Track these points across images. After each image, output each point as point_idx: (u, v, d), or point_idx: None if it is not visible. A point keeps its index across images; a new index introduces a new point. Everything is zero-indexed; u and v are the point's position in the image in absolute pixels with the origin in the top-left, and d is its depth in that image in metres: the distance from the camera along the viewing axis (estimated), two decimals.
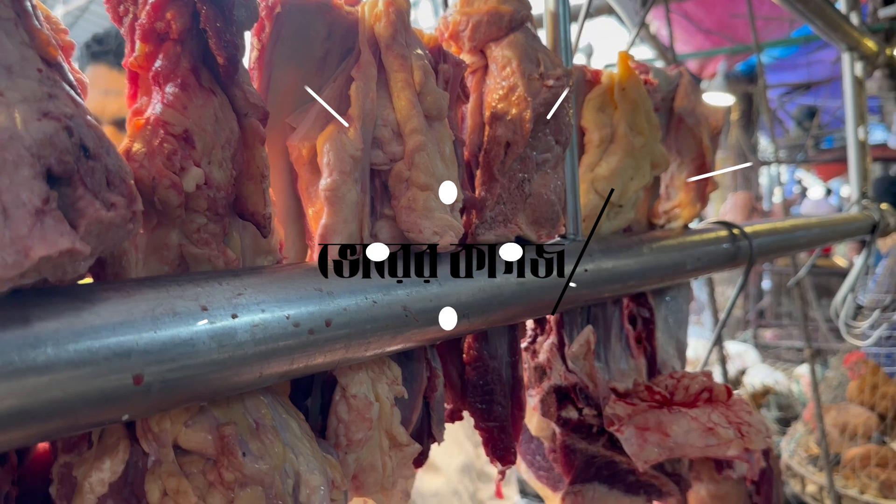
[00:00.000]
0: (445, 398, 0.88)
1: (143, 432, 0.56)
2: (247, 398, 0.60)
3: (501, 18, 0.86)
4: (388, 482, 0.74)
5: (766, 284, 7.47)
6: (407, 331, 0.68)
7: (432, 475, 2.03)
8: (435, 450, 2.07)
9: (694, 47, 5.62)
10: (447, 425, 0.87)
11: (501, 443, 0.90)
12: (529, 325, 1.08)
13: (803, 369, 4.57)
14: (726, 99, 5.99)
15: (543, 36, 0.96)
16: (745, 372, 4.87)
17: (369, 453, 0.72)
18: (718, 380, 1.12)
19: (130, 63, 0.57)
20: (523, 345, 1.05)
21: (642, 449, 0.96)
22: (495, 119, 0.85)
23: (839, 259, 7.22)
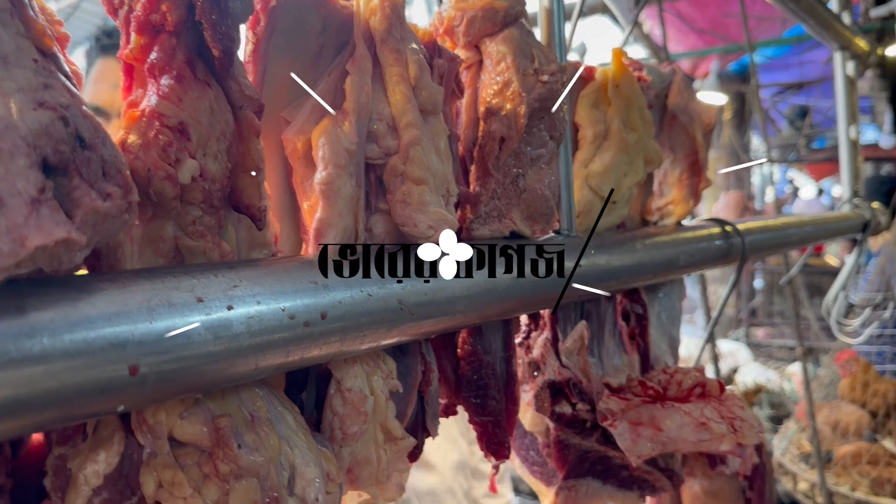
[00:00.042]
0: (440, 393, 0.88)
1: (139, 424, 0.56)
2: (242, 390, 0.60)
3: (496, 14, 0.87)
4: (383, 475, 0.74)
5: (759, 283, 7.50)
6: (402, 324, 0.69)
7: (427, 473, 2.03)
8: (430, 448, 2.07)
9: (687, 47, 5.63)
10: (442, 423, 0.87)
11: (496, 437, 0.90)
12: (523, 321, 1.08)
13: (795, 367, 4.59)
14: (719, 98, 6.01)
15: (538, 33, 0.97)
16: (737, 370, 4.89)
17: (364, 447, 0.73)
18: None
19: (126, 55, 0.57)
20: (517, 340, 1.05)
21: (635, 444, 0.96)
22: (490, 114, 0.85)
23: (831, 258, 7.25)
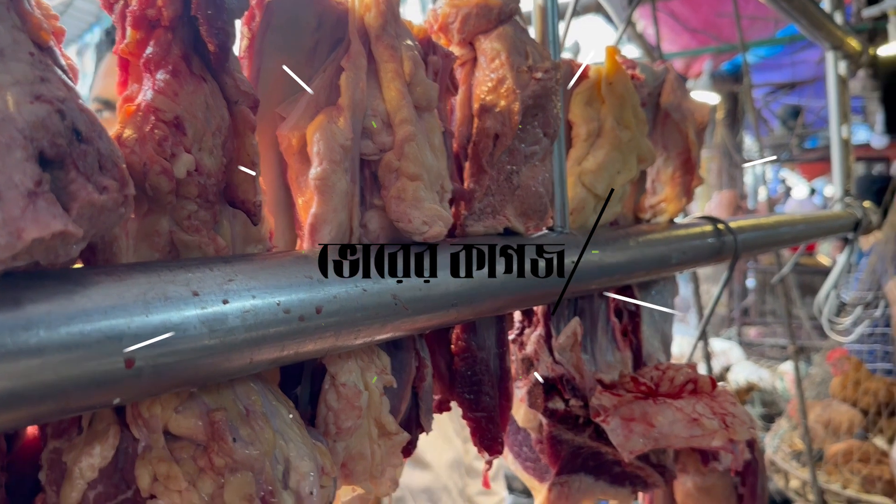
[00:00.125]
0: (434, 388, 0.89)
1: (134, 418, 0.56)
2: (237, 385, 0.60)
3: (490, 11, 0.87)
4: (377, 470, 0.75)
5: (751, 283, 7.53)
6: (396, 319, 0.69)
7: (422, 471, 2.03)
8: (425, 446, 2.06)
9: (680, 46, 5.65)
10: (437, 422, 0.87)
11: (489, 433, 0.91)
12: (517, 317, 1.09)
13: (787, 366, 4.61)
14: (712, 98, 6.03)
15: (531, 31, 0.97)
16: (729, 369, 4.91)
17: (358, 441, 0.73)
18: None
19: (121, 50, 0.57)
20: (511, 336, 1.06)
21: (628, 439, 0.97)
22: (484, 111, 0.85)
23: (823, 258, 7.28)
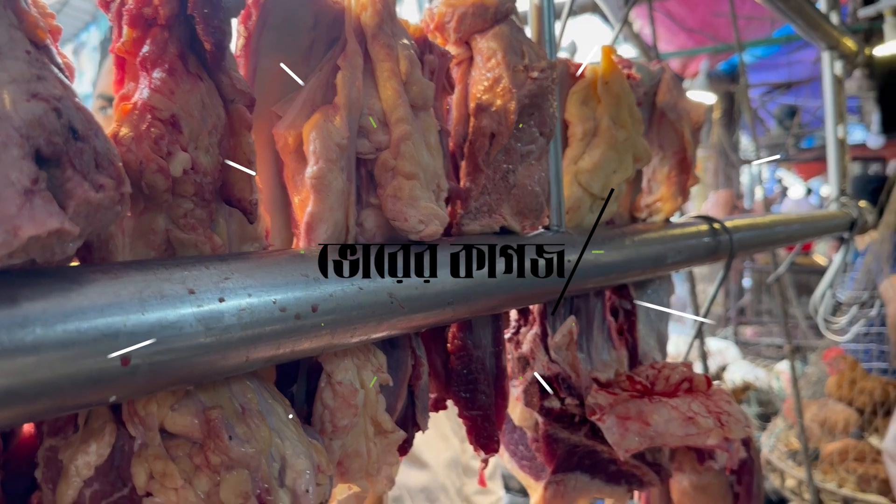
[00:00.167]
0: (430, 387, 0.89)
1: (130, 416, 0.56)
2: (233, 383, 0.61)
3: (486, 10, 0.87)
4: (373, 468, 0.75)
5: (747, 282, 7.55)
6: (392, 318, 0.69)
7: (419, 470, 2.03)
8: (422, 445, 2.06)
9: (677, 46, 5.65)
10: (434, 421, 0.87)
11: (485, 431, 0.91)
12: (513, 316, 1.09)
13: (783, 365, 4.62)
14: (708, 98, 6.04)
15: (528, 31, 0.97)
16: (725, 368, 4.92)
17: (354, 440, 0.73)
18: None
19: (118, 48, 0.57)
20: (507, 335, 1.06)
21: (623, 438, 0.97)
22: (480, 110, 0.86)
23: (819, 257, 7.30)
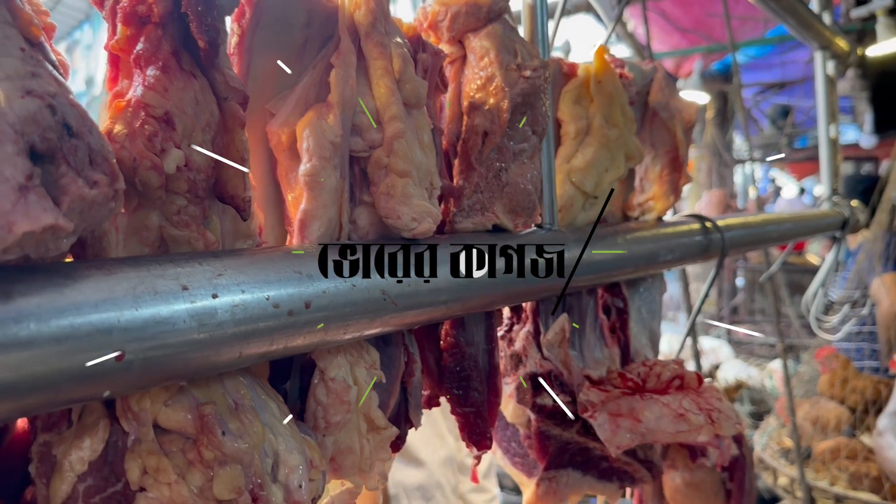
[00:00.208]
0: (423, 384, 0.89)
1: (123, 411, 0.56)
2: (226, 379, 0.61)
3: (480, 9, 0.88)
4: (366, 464, 0.75)
5: (740, 281, 7.57)
6: (385, 315, 0.69)
7: (416, 469, 2.04)
8: (418, 443, 2.07)
9: (670, 46, 5.66)
10: (430, 420, 0.88)
11: (477, 428, 0.91)
12: (506, 314, 1.09)
13: (776, 364, 4.63)
14: (702, 97, 6.05)
15: (521, 30, 0.98)
16: (718, 367, 4.94)
17: (347, 436, 0.73)
18: None
19: (112, 46, 0.58)
20: (500, 333, 1.06)
21: (615, 434, 0.98)
22: (473, 108, 0.86)
23: (812, 257, 7.32)
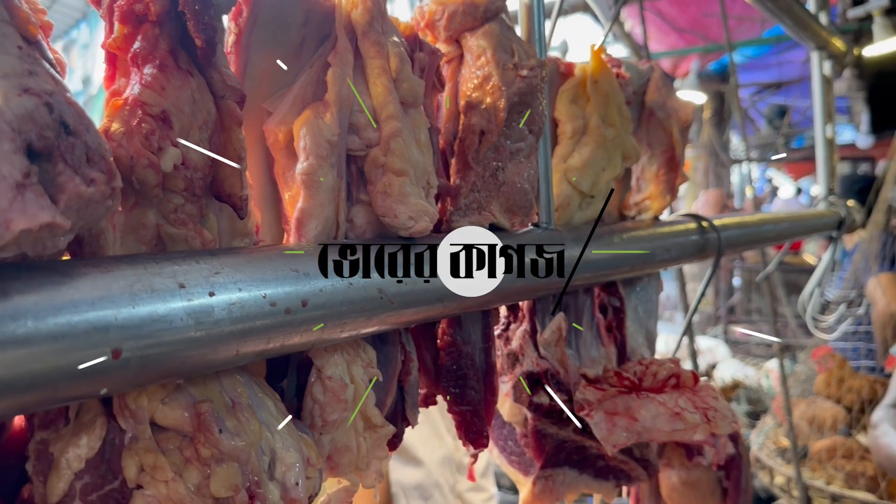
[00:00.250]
0: (420, 383, 0.90)
1: (121, 409, 0.56)
2: (223, 377, 0.61)
3: (476, 9, 0.88)
4: (363, 463, 0.75)
5: (737, 281, 7.59)
6: (382, 313, 0.70)
7: (414, 468, 2.04)
8: (417, 443, 2.07)
9: (668, 46, 5.67)
10: (429, 419, 0.88)
11: (474, 426, 0.92)
12: (503, 313, 1.10)
13: (773, 364, 4.64)
14: (699, 97, 6.07)
15: (518, 30, 0.98)
16: (715, 366, 4.95)
17: (344, 434, 0.74)
18: None
19: (109, 44, 0.58)
20: (496, 332, 1.07)
21: (611, 433, 0.98)
22: (470, 108, 0.86)
23: (809, 256, 7.33)
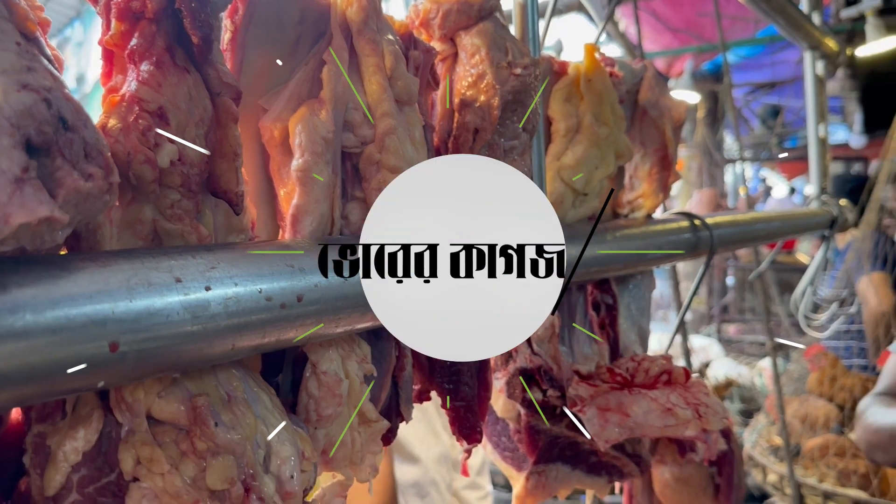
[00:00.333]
0: (414, 378, 0.90)
1: (117, 402, 0.57)
2: (219, 371, 0.62)
3: (471, 7, 0.88)
4: (357, 457, 0.76)
5: (730, 280, 7.61)
6: None
7: (410, 465, 2.05)
8: (413, 440, 2.07)
9: (662, 46, 5.69)
10: (425, 417, 0.89)
11: (468, 422, 0.92)
12: None
13: (766, 362, 4.66)
14: (692, 97, 6.08)
15: (512, 29, 0.99)
16: (708, 365, 4.96)
17: (339, 429, 0.74)
18: None
19: (106, 41, 0.58)
20: None
21: (603, 429, 0.99)
22: (464, 106, 0.87)
23: (802, 256, 7.36)
